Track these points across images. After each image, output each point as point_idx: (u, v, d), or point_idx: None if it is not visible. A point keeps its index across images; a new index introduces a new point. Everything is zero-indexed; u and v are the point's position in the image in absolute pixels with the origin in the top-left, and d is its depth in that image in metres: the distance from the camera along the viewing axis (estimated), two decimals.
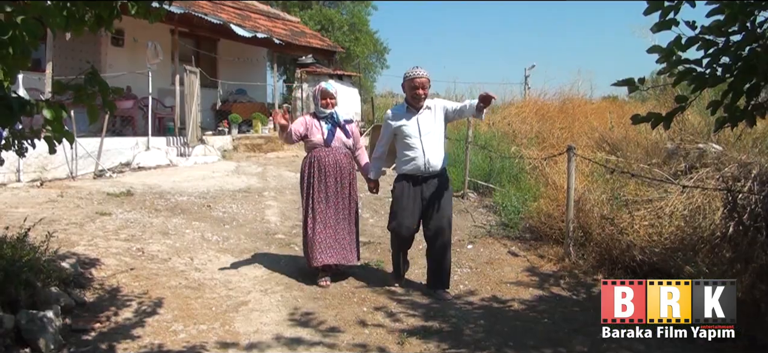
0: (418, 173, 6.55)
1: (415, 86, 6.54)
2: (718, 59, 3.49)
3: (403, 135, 6.58)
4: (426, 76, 6.60)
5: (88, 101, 3.46)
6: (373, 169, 7.02)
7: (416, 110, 6.62)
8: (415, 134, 6.54)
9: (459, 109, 6.63)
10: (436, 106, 6.70)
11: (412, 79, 6.55)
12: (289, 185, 13.37)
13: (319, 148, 6.85)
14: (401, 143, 6.64)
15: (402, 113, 6.69)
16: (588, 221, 7.91)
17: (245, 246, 8.37)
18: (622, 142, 11.68)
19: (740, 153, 8.43)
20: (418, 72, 6.56)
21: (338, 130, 6.96)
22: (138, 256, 7.38)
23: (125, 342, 5.09)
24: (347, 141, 7.01)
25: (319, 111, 6.96)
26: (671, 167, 9.34)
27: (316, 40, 24.06)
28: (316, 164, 6.83)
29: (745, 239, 5.55)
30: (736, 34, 3.42)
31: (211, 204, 10.70)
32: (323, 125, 6.92)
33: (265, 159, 17.49)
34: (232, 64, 21.34)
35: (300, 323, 5.75)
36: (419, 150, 6.51)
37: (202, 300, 6.21)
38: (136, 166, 14.24)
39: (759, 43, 3.39)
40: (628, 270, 7.05)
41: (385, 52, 39.99)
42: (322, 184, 6.80)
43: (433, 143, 6.55)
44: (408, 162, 6.57)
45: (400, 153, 6.67)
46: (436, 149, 6.57)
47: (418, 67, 6.61)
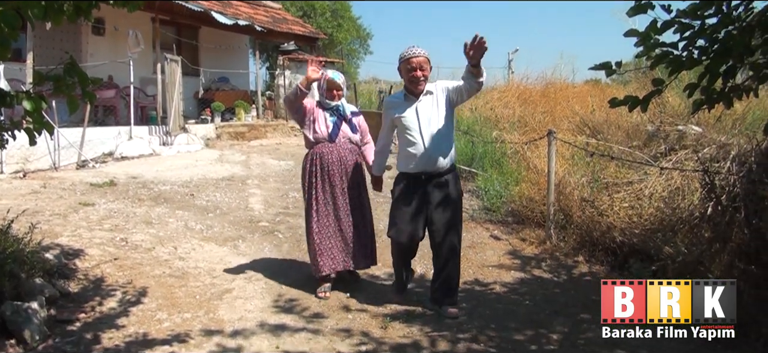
0: (420, 172, 5.60)
1: (412, 68, 5.54)
2: (694, 42, 3.55)
3: (402, 127, 5.65)
4: (424, 55, 5.59)
5: (67, 92, 3.48)
6: (375, 164, 6.25)
7: (415, 96, 5.64)
8: (414, 126, 5.58)
9: (460, 86, 5.53)
10: (438, 90, 5.67)
11: (408, 60, 5.55)
12: (272, 173, 13.39)
13: (322, 143, 6.17)
14: (401, 137, 5.72)
15: (400, 101, 5.75)
16: (569, 204, 8.01)
17: (229, 234, 8.39)
18: (603, 125, 11.80)
19: (720, 134, 8.53)
20: (414, 51, 5.57)
21: (344, 124, 6.27)
22: (122, 246, 7.39)
23: (110, 331, 5.12)
24: (354, 136, 6.31)
25: (325, 102, 6.25)
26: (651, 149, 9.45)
27: (298, 27, 24.02)
28: (318, 161, 6.16)
29: (724, 219, 5.63)
30: (711, 17, 3.47)
31: (195, 193, 10.71)
32: (328, 117, 6.23)
33: (249, 147, 17.49)
34: (214, 52, 21.28)
35: (284, 309, 5.80)
36: (420, 145, 5.53)
37: (186, 289, 6.24)
38: (118, 156, 14.20)
39: (734, 26, 3.45)
40: (608, 252, 7.17)
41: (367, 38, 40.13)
42: (326, 184, 6.15)
43: (436, 135, 5.54)
44: (408, 160, 5.63)
45: (400, 148, 5.73)
46: (441, 143, 5.56)
47: (414, 46, 5.60)
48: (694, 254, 5.86)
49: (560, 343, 5.13)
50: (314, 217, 6.18)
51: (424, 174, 5.60)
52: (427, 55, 5.64)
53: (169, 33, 18.46)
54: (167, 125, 16.09)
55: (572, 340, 5.17)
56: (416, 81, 5.58)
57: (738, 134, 7.99)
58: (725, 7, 3.43)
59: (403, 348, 4.96)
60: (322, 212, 6.17)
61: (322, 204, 6.17)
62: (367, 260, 6.39)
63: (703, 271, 5.60)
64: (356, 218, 6.25)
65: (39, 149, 11.78)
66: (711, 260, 5.59)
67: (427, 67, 5.64)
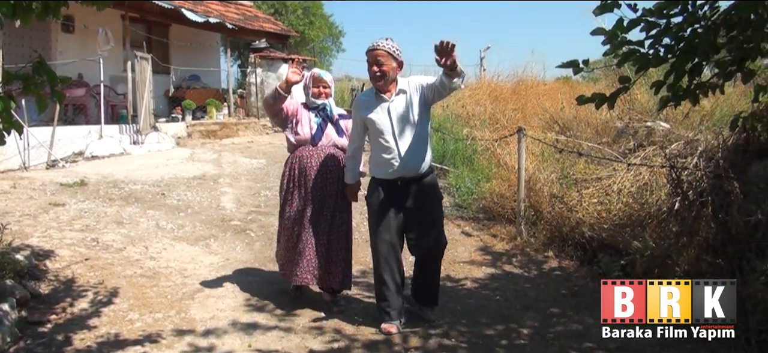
0: (395, 178, 5.13)
1: (370, 62, 5.06)
2: (661, 40, 3.58)
3: (374, 130, 5.13)
4: (384, 48, 5.00)
5: (36, 91, 3.47)
6: (348, 171, 5.54)
7: (387, 95, 5.10)
8: (386, 128, 5.06)
9: (435, 84, 4.99)
10: (411, 87, 5.14)
11: (368, 54, 5.07)
12: (244, 172, 13.36)
13: (304, 147, 5.65)
14: (373, 141, 5.22)
15: (371, 99, 5.18)
16: (539, 200, 8.10)
17: (200, 233, 8.38)
18: (572, 122, 11.92)
19: (687, 130, 8.65)
20: (374, 44, 5.03)
21: (329, 126, 5.72)
22: (93, 246, 7.35)
23: (81, 332, 5.10)
24: (339, 140, 5.71)
25: (311, 101, 5.70)
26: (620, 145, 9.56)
27: (269, 24, 23.95)
28: (297, 166, 5.64)
29: (691, 214, 5.72)
30: (677, 16, 3.52)
31: (166, 192, 10.66)
32: (312, 118, 5.69)
33: (220, 145, 17.41)
34: (185, 50, 21.17)
35: (256, 308, 5.80)
36: (393, 149, 5.05)
37: (158, 289, 6.23)
38: (89, 155, 14.09)
39: (700, 25, 3.50)
40: (577, 247, 7.25)
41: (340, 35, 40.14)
42: (302, 190, 5.60)
43: (411, 137, 5.06)
44: (382, 166, 5.15)
45: (373, 153, 5.25)
46: (416, 146, 5.08)
47: (380, 39, 5.06)
48: (661, 248, 5.95)
49: (530, 337, 5.20)
50: (286, 224, 5.71)
51: (400, 180, 5.13)
52: (390, 50, 5.00)
53: (140, 31, 18.35)
54: (138, 124, 15.98)
55: (542, 334, 5.24)
56: (372, 77, 5.07)
57: (705, 130, 8.11)
58: (690, 6, 3.49)
59: (376, 345, 4.99)
60: (293, 220, 5.63)
61: (294, 213, 5.63)
62: (339, 283, 5.71)
63: (671, 265, 5.69)
64: (332, 234, 5.60)
65: (8, 148, 11.65)
66: (678, 254, 5.69)
67: (389, 61, 5.00)
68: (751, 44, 3.51)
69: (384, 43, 5.03)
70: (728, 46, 3.60)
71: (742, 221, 5.06)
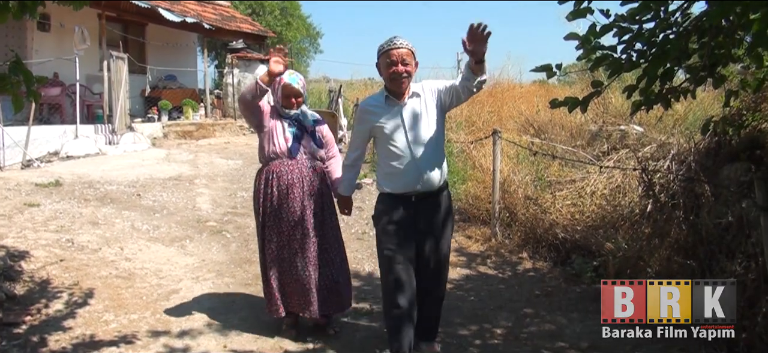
0: (409, 192, 4.50)
1: (393, 61, 4.39)
2: (633, 45, 3.64)
3: (384, 138, 4.53)
4: (408, 47, 4.44)
5: (12, 91, 3.47)
6: (344, 181, 4.99)
7: (399, 99, 4.51)
8: (399, 136, 4.47)
9: (454, 87, 4.48)
10: (426, 91, 4.57)
11: (388, 52, 4.42)
12: (220, 172, 13.32)
13: (280, 161, 5.01)
14: (383, 149, 4.59)
15: (380, 105, 4.56)
16: (513, 202, 8.18)
17: (176, 234, 8.36)
18: (547, 125, 12.02)
19: (660, 134, 8.76)
20: (395, 42, 4.43)
21: (306, 136, 5.13)
22: (68, 247, 7.32)
23: (57, 333, 5.10)
24: (318, 151, 5.16)
25: (282, 112, 5.08)
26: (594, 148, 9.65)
27: (246, 25, 23.90)
28: (274, 182, 5.00)
29: (662, 216, 5.81)
30: (649, 21, 3.58)
31: (141, 193, 10.61)
32: (287, 127, 5.06)
33: (197, 146, 17.35)
34: (162, 50, 21.08)
35: (231, 309, 5.83)
36: (408, 159, 4.44)
37: (133, 290, 6.22)
38: (64, 155, 13.98)
39: (672, 30, 3.56)
40: (551, 248, 7.35)
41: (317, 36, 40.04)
42: (284, 210, 4.98)
43: (427, 146, 4.47)
44: (393, 177, 4.52)
45: (382, 164, 4.64)
46: (433, 156, 4.50)
47: (396, 37, 4.47)
48: (634, 249, 6.03)
49: (504, 337, 5.27)
50: (270, 251, 5.06)
51: (414, 195, 4.50)
52: (412, 48, 4.47)
53: (116, 30, 18.26)
54: (113, 124, 15.88)
55: (516, 334, 5.31)
56: (397, 78, 4.40)
57: (678, 134, 8.22)
58: (662, 12, 3.54)
59: (351, 346, 5.02)
60: (280, 244, 5.02)
61: (279, 235, 5.02)
62: (341, 302, 5.22)
63: (643, 266, 5.77)
64: (325, 253, 5.08)
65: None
66: (650, 256, 5.78)
67: (412, 61, 4.46)
68: (722, 50, 3.58)
69: (405, 41, 4.46)
70: (700, 52, 3.66)
71: (713, 224, 5.15)
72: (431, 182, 4.50)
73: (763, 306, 4.54)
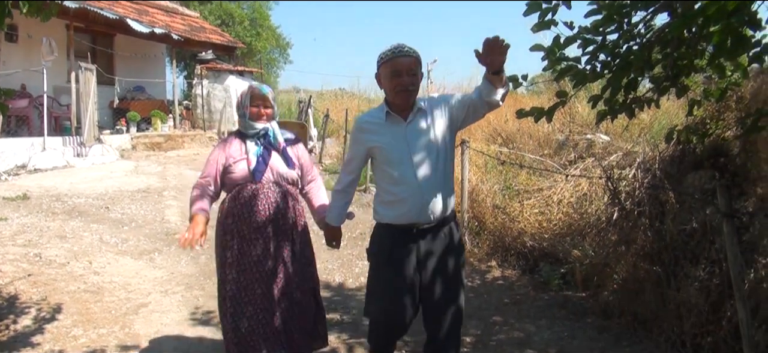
0: (411, 224, 3.76)
1: (398, 72, 3.69)
2: (597, 56, 3.68)
3: (384, 160, 3.81)
4: (415, 55, 3.76)
5: None
6: (333, 209, 4.19)
7: (402, 116, 3.78)
8: (403, 158, 3.73)
9: (471, 100, 3.79)
10: (434, 106, 3.87)
11: (393, 61, 3.72)
12: (189, 184, 13.10)
13: (241, 186, 4.21)
14: (382, 173, 3.88)
15: (380, 121, 3.84)
16: (482, 211, 8.23)
17: (145, 247, 8.31)
18: (516, 134, 12.12)
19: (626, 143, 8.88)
20: (401, 50, 3.73)
21: (274, 156, 4.29)
22: (36, 262, 7.26)
23: (25, 350, 5.06)
24: (289, 173, 4.31)
25: (248, 126, 4.28)
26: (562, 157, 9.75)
27: (216, 36, 23.84)
28: (235, 212, 4.18)
29: (628, 223, 5.89)
30: (612, 33, 3.63)
31: (110, 206, 10.54)
32: (251, 148, 4.26)
33: (166, 158, 17.25)
34: (130, 61, 20.93)
35: (201, 322, 5.81)
36: (412, 185, 3.69)
37: (102, 304, 6.18)
38: (32, 168, 13.86)
39: (635, 41, 3.63)
40: (519, 256, 7.42)
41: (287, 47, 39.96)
42: (246, 243, 4.14)
43: (433, 170, 3.73)
44: (393, 207, 3.80)
45: (381, 190, 3.94)
46: (440, 182, 3.76)
47: (401, 45, 3.77)
48: (600, 256, 6.12)
49: (473, 346, 5.31)
50: (228, 292, 4.17)
51: (416, 227, 3.77)
52: (418, 56, 3.78)
53: (84, 41, 18.11)
54: (81, 136, 15.76)
55: (485, 342, 5.36)
56: (403, 91, 3.70)
57: (643, 142, 8.32)
58: (626, 24, 3.60)
59: None
60: (241, 285, 4.13)
61: (239, 273, 4.14)
62: (315, 341, 4.48)
63: (610, 272, 5.85)
64: (295, 290, 4.25)
65: None
66: (616, 262, 5.85)
67: (419, 72, 3.81)
68: (684, 61, 3.64)
69: (411, 49, 3.76)
70: (663, 63, 3.73)
71: (677, 230, 5.24)
72: (438, 213, 3.75)
73: (728, 310, 4.62)
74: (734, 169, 5.46)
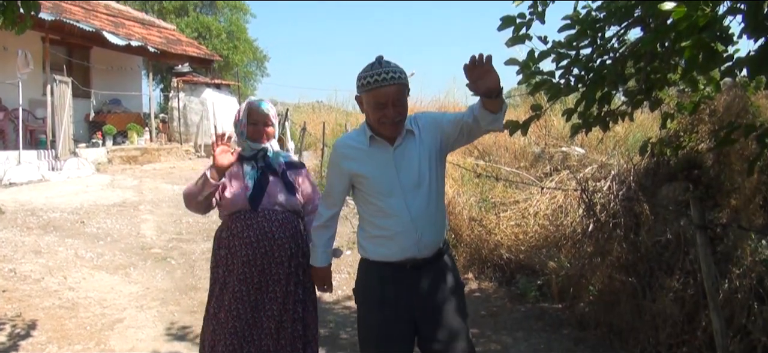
0: (403, 260, 3.24)
1: (382, 104, 3.13)
2: (571, 70, 3.73)
3: (370, 190, 3.29)
4: (399, 79, 3.13)
5: None
6: (318, 249, 3.57)
7: (388, 141, 3.24)
8: (391, 188, 3.22)
9: (464, 120, 3.20)
10: (424, 127, 3.33)
11: (375, 92, 3.12)
12: (165, 198, 13.19)
13: (237, 215, 3.73)
14: (366, 205, 3.35)
15: (362, 147, 3.29)
16: (458, 224, 8.24)
17: (120, 262, 8.24)
18: (492, 147, 12.15)
19: (601, 155, 8.94)
20: (383, 74, 3.10)
21: (273, 181, 3.79)
22: (10, 277, 7.20)
23: None
24: (290, 200, 3.80)
25: (247, 146, 3.80)
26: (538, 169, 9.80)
27: (192, 49, 23.76)
28: (230, 243, 3.73)
29: (603, 235, 5.93)
30: (586, 47, 3.67)
31: (85, 220, 10.47)
32: (247, 171, 3.78)
33: (142, 171, 17.15)
34: (106, 74, 20.79)
35: (177, 337, 5.78)
36: (404, 219, 3.19)
37: (77, 320, 6.13)
38: (7, 182, 13.74)
39: (609, 55, 3.66)
40: (496, 268, 7.45)
41: (264, 60, 39.90)
42: (239, 278, 3.66)
43: (425, 199, 3.23)
44: (382, 242, 3.28)
45: (367, 222, 3.38)
46: (432, 212, 3.27)
47: (382, 64, 3.16)
48: (576, 268, 6.15)
49: None
50: (213, 326, 3.74)
51: (409, 263, 3.24)
52: (404, 80, 3.17)
53: (60, 53, 17.97)
54: (57, 149, 15.64)
55: None
56: (388, 125, 3.17)
57: (618, 155, 8.38)
58: (599, 39, 3.64)
59: None
60: (228, 326, 3.65)
61: (229, 312, 3.65)
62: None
63: (585, 284, 5.89)
64: (291, 335, 3.72)
65: None
66: (592, 274, 5.88)
67: (404, 98, 3.20)
68: (658, 75, 3.68)
69: (395, 73, 3.13)
70: (636, 76, 3.77)
71: (652, 242, 5.29)
72: (431, 246, 3.27)
73: (703, 320, 4.67)
74: (708, 181, 5.53)
